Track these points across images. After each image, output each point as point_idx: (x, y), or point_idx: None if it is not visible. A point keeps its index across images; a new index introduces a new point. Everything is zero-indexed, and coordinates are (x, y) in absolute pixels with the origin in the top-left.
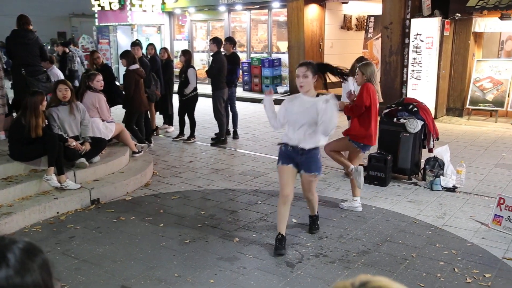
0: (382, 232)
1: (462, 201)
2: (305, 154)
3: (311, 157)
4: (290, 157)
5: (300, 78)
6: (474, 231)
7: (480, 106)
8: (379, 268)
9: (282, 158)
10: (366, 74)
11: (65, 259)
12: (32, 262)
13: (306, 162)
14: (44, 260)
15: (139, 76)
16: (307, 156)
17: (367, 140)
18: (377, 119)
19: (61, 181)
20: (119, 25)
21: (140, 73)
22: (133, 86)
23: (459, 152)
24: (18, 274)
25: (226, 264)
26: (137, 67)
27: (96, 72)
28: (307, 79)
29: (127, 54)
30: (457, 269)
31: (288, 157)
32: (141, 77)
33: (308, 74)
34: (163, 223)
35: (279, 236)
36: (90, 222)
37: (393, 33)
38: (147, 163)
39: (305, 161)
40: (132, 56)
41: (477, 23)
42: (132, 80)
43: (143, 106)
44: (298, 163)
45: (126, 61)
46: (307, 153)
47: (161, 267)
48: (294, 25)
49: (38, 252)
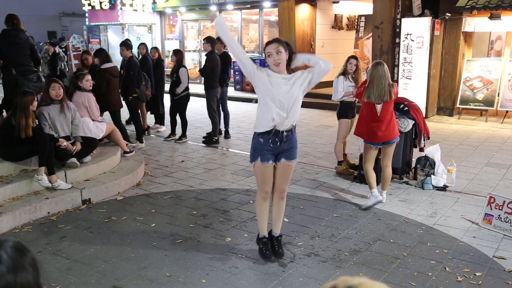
0: (373, 231)
1: (453, 200)
2: (288, 139)
3: (293, 141)
4: (269, 150)
5: (273, 55)
6: (465, 230)
7: (470, 105)
8: (370, 267)
9: (260, 154)
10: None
11: (56, 260)
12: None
13: (287, 149)
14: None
15: (111, 75)
16: (290, 141)
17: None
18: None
19: (52, 181)
20: (109, 25)
21: (113, 72)
22: (105, 85)
23: (450, 151)
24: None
25: (218, 263)
26: (110, 66)
27: (85, 72)
28: (281, 55)
29: (100, 52)
30: (448, 268)
31: (267, 152)
32: (113, 76)
33: (281, 49)
34: (154, 223)
35: (264, 240)
36: (81, 222)
37: (383, 33)
38: (139, 162)
39: (287, 148)
40: (105, 55)
41: (467, 22)
42: (103, 78)
43: (118, 104)
44: (277, 154)
45: (99, 60)
46: (290, 137)
47: (153, 267)
48: (285, 24)
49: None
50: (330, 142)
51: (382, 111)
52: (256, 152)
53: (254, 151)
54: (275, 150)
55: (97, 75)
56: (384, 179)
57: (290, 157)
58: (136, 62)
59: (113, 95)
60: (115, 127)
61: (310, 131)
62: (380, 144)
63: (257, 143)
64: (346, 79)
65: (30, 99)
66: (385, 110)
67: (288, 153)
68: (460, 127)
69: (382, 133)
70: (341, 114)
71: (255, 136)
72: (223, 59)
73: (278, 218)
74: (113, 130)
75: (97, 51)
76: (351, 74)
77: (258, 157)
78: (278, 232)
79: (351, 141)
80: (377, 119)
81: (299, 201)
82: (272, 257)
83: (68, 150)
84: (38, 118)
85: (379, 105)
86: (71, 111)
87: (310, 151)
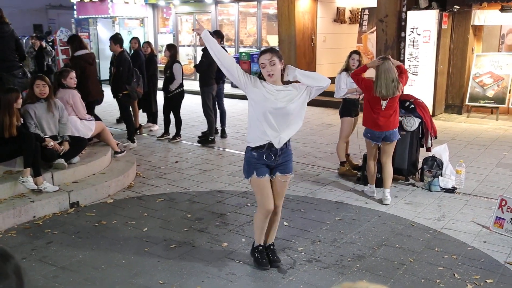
0: (378, 236)
1: (462, 202)
2: (283, 152)
3: (289, 154)
4: (264, 164)
5: (267, 66)
6: (475, 234)
7: (480, 102)
8: (375, 273)
9: (255, 168)
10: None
11: (42, 266)
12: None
13: (283, 162)
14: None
15: (86, 62)
16: (285, 155)
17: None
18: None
19: (38, 183)
20: (99, 18)
21: (88, 59)
22: (79, 73)
23: (459, 151)
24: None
25: (214, 270)
26: (84, 52)
27: (69, 69)
28: (275, 66)
29: (72, 39)
30: (457, 274)
31: (262, 165)
32: (89, 64)
33: (275, 60)
34: (147, 227)
35: (260, 248)
36: (69, 227)
37: (388, 27)
38: (130, 163)
39: (282, 161)
40: (78, 41)
41: (476, 15)
42: (77, 66)
43: (98, 94)
44: (272, 168)
45: (71, 47)
46: (285, 151)
47: (145, 274)
48: (284, 18)
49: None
50: (332, 142)
51: (387, 107)
52: (251, 167)
53: (249, 166)
54: (270, 162)
55: (70, 63)
56: (385, 176)
57: (285, 170)
58: (126, 58)
59: (91, 84)
60: (105, 126)
61: (311, 130)
62: (380, 138)
63: (251, 157)
64: (349, 76)
65: (15, 97)
66: (390, 106)
67: (283, 167)
68: (469, 125)
69: (383, 123)
70: (343, 112)
71: (248, 150)
72: None
73: (272, 231)
74: (103, 129)
75: (70, 37)
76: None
77: (253, 171)
78: (272, 241)
79: (354, 140)
80: (380, 113)
81: (300, 203)
82: (268, 265)
83: (55, 150)
84: (24, 116)
85: (384, 101)
86: (59, 109)
87: (311, 151)
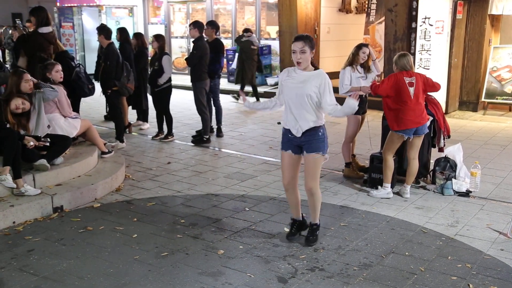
0: (386, 243)
1: (477, 207)
2: (306, 133)
3: (312, 134)
4: (289, 140)
5: (297, 53)
6: (491, 241)
7: (497, 99)
8: (383, 283)
9: (282, 142)
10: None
11: (23, 276)
12: None
13: (307, 141)
14: None
15: (48, 42)
16: (308, 134)
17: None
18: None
19: (18, 186)
20: (84, 7)
21: (50, 38)
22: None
23: (474, 151)
24: None
25: (209, 279)
26: (49, 31)
27: (54, 62)
28: (305, 54)
29: (39, 10)
30: (472, 285)
31: (287, 141)
32: (50, 43)
33: (306, 49)
34: (136, 233)
35: (291, 221)
36: (52, 233)
37: (398, 17)
38: (119, 165)
39: (306, 140)
40: (44, 16)
41: (494, 4)
42: (35, 44)
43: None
44: (299, 146)
45: (36, 21)
46: (308, 132)
47: (135, 283)
48: (285, 7)
49: None
50: (337, 141)
51: (415, 94)
52: (282, 140)
53: (282, 139)
54: (295, 140)
55: (29, 39)
56: (411, 172)
57: (310, 149)
58: (115, 50)
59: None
60: (90, 124)
61: None
62: (412, 131)
63: (283, 132)
64: (354, 70)
65: None
66: (417, 93)
67: (308, 145)
68: (486, 124)
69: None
70: None
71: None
72: (214, 47)
73: (311, 209)
74: (89, 128)
75: (35, 8)
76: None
77: (281, 144)
78: (314, 221)
79: (361, 140)
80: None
81: (301, 208)
82: (293, 239)
83: (35, 149)
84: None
85: (411, 88)
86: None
87: None
